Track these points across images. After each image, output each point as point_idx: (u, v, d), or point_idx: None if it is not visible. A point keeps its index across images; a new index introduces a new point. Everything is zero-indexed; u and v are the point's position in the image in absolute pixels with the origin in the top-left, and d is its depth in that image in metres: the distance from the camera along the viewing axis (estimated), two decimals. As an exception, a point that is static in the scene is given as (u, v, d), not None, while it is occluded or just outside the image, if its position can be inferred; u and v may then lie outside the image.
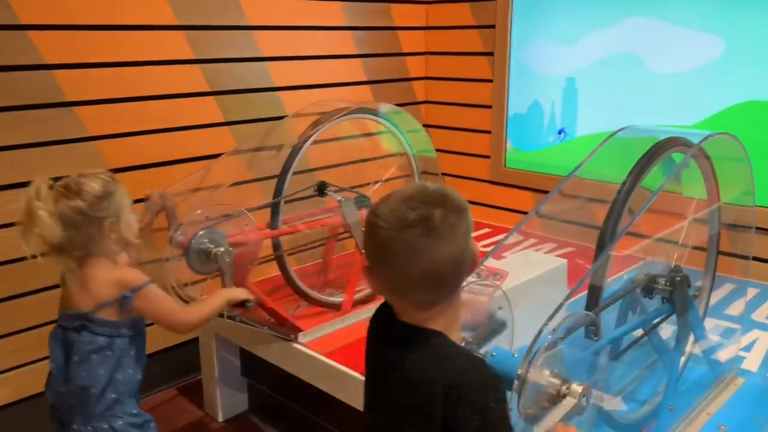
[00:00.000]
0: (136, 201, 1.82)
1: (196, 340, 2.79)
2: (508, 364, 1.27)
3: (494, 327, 1.41)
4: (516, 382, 1.18)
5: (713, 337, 2.02)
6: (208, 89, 2.88)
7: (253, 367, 2.67)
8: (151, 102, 2.71)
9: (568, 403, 1.22)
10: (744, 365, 2.12)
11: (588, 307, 1.49)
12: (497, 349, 1.34)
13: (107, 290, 1.66)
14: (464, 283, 1.21)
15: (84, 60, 2.48)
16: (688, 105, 2.95)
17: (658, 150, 1.67)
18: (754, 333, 2.34)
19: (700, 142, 1.67)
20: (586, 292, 2.26)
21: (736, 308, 2.35)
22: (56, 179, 1.67)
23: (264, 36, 3.03)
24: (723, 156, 1.82)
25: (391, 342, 1.18)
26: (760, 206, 1.93)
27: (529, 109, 3.55)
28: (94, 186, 1.64)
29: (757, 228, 1.99)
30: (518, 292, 1.70)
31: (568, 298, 1.24)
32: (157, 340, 2.83)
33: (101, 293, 1.65)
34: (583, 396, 1.23)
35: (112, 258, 1.70)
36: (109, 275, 1.67)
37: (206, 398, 2.77)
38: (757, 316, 2.49)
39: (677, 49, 2.94)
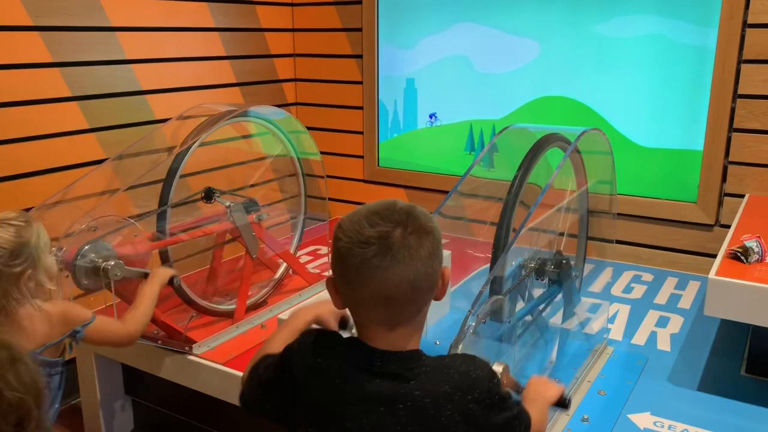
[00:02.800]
0: None
1: (71, 361, 2.61)
2: (432, 353, 1.35)
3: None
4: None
5: (585, 313, 2.25)
6: (70, 94, 2.70)
7: (138, 384, 2.56)
8: (6, 109, 2.49)
9: None
10: (611, 335, 2.39)
11: (492, 293, 1.61)
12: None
13: (51, 330, 1.60)
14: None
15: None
16: (508, 100, 3.36)
17: (540, 147, 1.83)
18: (615, 306, 2.64)
19: (578, 137, 1.86)
20: (463, 280, 2.43)
21: (598, 285, 2.63)
22: None
23: (128, 37, 2.89)
24: (590, 150, 2.03)
25: (369, 380, 1.09)
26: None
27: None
28: (5, 238, 1.52)
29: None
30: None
31: (485, 286, 1.34)
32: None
33: (46, 334, 1.59)
34: (503, 374, 1.34)
35: (39, 298, 1.61)
36: (48, 315, 1.60)
37: (87, 422, 2.60)
38: (615, 290, 2.80)
39: (501, 52, 3.32)
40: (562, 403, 1.48)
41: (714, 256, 2.07)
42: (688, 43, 2.88)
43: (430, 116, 3.58)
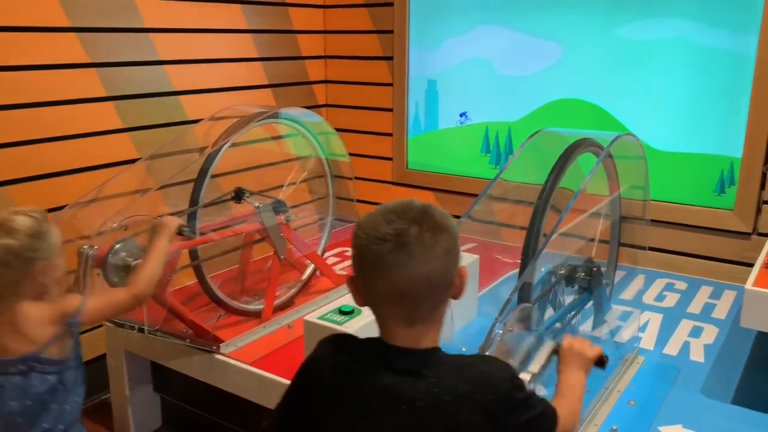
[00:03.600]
0: None
1: (102, 357, 2.65)
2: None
3: None
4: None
5: (616, 321, 2.21)
6: (105, 94, 2.75)
7: (167, 382, 2.58)
8: (43, 108, 2.54)
9: None
10: (642, 344, 2.34)
11: (520, 301, 1.59)
12: (446, 346, 1.40)
13: (48, 328, 1.59)
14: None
15: (-33, 64, 2.29)
16: (526, 102, 3.35)
17: (572, 152, 1.81)
18: (646, 314, 2.59)
19: (612, 142, 1.82)
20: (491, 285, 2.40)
21: (630, 293, 2.58)
22: None
23: (162, 39, 2.93)
24: (623, 155, 2.00)
25: (389, 376, 1.10)
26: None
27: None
28: (27, 224, 1.55)
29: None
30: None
31: (513, 293, 1.32)
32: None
33: (41, 333, 1.58)
34: (530, 383, 1.32)
35: (39, 298, 1.62)
36: (41, 313, 1.60)
37: (116, 418, 2.64)
38: (647, 298, 2.75)
39: (523, 54, 3.31)
40: (601, 363, 1.45)
41: (751, 265, 2.01)
42: (715, 47, 2.82)
43: (461, 115, 3.56)
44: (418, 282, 1.06)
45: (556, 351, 1.43)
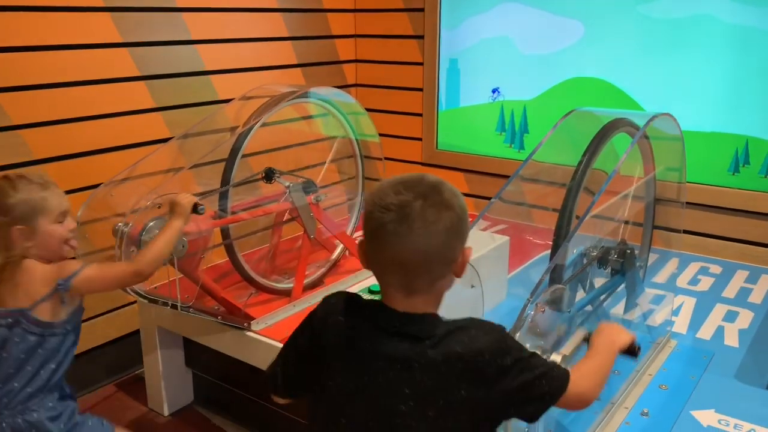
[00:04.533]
0: (65, 192, 1.74)
1: (136, 333, 2.71)
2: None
3: None
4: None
5: (648, 304, 2.18)
6: (138, 74, 2.77)
7: (198, 358, 2.63)
8: (77, 88, 2.57)
9: None
10: (675, 328, 2.31)
11: (552, 282, 1.57)
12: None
13: (42, 288, 1.63)
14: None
15: (3, 44, 2.32)
16: (543, 81, 3.33)
17: (607, 132, 1.77)
18: (680, 298, 2.55)
19: (648, 122, 1.78)
20: (522, 267, 2.38)
21: (663, 276, 2.54)
22: None
23: (193, 18, 2.94)
24: (659, 135, 1.95)
25: (388, 336, 1.13)
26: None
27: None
28: (4, 189, 1.61)
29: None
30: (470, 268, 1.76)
31: (545, 274, 1.31)
32: (93, 337, 2.73)
33: (36, 290, 1.63)
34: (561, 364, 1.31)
35: (48, 259, 1.67)
36: (42, 272, 1.65)
37: (150, 392, 2.70)
38: (681, 282, 2.70)
39: (545, 32, 3.26)
40: (632, 351, 1.42)
41: (789, 249, 1.96)
42: (744, 25, 2.73)
43: (493, 91, 3.52)
44: (415, 255, 1.09)
45: (587, 339, 1.41)
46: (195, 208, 1.97)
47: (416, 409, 1.10)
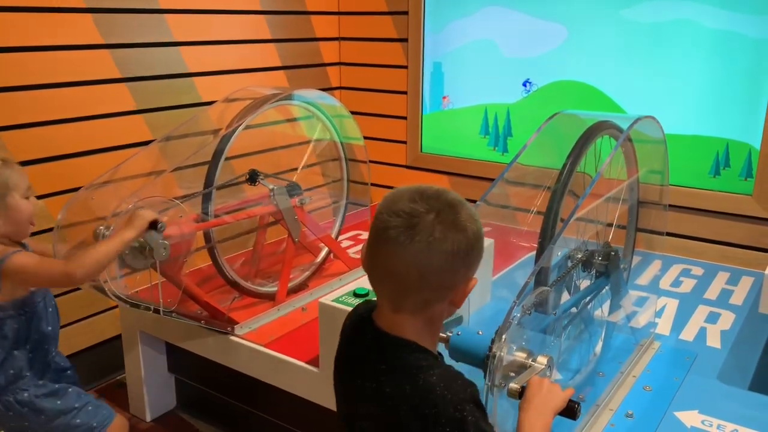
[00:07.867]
0: (45, 195, 1.76)
1: (117, 338, 2.68)
2: (473, 342, 1.33)
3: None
4: (489, 359, 1.23)
5: (632, 306, 2.19)
6: (119, 75, 2.74)
7: (181, 363, 2.60)
8: (57, 90, 2.54)
9: (531, 371, 1.28)
10: (658, 330, 2.32)
11: (537, 284, 1.57)
12: (462, 329, 1.39)
13: None
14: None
15: (-18, 45, 2.29)
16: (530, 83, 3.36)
17: (591, 135, 1.78)
18: (663, 300, 2.57)
19: (631, 125, 1.79)
20: (506, 269, 2.39)
21: (646, 278, 2.56)
22: None
23: (175, 20, 2.92)
24: (642, 138, 1.97)
25: (363, 346, 1.13)
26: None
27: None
28: None
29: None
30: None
31: (531, 277, 1.31)
32: (73, 342, 2.69)
33: None
34: (547, 366, 1.31)
35: (11, 237, 1.72)
36: None
37: (131, 398, 2.66)
38: (663, 284, 2.73)
39: (528, 36, 3.30)
40: (571, 413, 1.21)
41: (770, 251, 1.98)
42: (723, 29, 2.77)
43: (524, 84, 3.46)
44: (410, 269, 1.03)
45: (520, 393, 1.21)
46: (155, 225, 1.92)
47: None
